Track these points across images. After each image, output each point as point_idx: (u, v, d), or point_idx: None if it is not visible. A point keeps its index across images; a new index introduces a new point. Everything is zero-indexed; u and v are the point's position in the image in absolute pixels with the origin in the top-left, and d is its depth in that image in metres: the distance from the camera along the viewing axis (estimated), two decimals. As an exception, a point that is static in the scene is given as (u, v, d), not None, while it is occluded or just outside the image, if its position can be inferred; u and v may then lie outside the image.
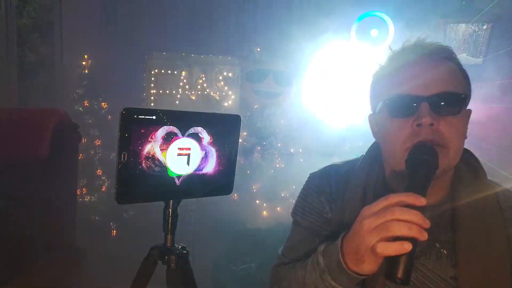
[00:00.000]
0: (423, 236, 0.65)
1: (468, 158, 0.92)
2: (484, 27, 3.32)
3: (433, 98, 0.78)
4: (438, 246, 0.84)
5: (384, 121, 0.86)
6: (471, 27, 3.38)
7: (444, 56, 0.83)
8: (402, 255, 0.66)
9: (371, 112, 0.97)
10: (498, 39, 3.20)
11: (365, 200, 0.89)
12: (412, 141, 0.79)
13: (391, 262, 0.68)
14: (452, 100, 0.80)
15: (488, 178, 0.92)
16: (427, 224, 0.66)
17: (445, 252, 0.84)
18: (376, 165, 0.95)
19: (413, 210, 0.66)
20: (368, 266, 0.71)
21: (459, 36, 3.44)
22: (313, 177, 1.04)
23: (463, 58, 3.49)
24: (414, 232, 0.65)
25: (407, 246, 0.64)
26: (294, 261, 0.93)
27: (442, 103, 0.78)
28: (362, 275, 0.73)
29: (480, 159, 0.94)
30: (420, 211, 0.67)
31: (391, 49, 0.91)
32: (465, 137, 0.85)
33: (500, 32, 3.22)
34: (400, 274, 0.66)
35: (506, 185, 0.92)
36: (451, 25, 3.45)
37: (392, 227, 0.66)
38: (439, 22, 3.46)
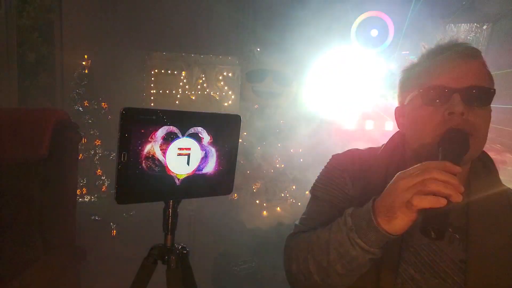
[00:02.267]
0: (458, 197, 0.69)
1: (483, 157, 0.98)
2: (484, 27, 3.32)
3: (464, 90, 0.85)
4: (451, 231, 0.89)
5: (415, 110, 0.92)
6: (471, 27, 3.38)
7: (474, 55, 0.90)
8: (438, 209, 0.69)
9: (398, 106, 1.03)
10: (498, 39, 3.20)
11: (386, 185, 0.93)
12: (443, 128, 0.85)
13: (426, 216, 0.71)
14: (481, 93, 0.86)
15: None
16: (461, 188, 0.70)
17: (457, 236, 0.89)
18: (397, 154, 1.00)
19: (450, 174, 0.71)
20: (400, 222, 0.74)
21: (459, 36, 3.44)
22: (337, 156, 1.09)
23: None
24: (450, 190, 0.69)
25: (443, 201, 0.69)
26: (313, 229, 0.95)
27: (472, 95, 0.85)
28: (391, 234, 0.76)
29: None
30: None
31: (424, 48, 0.97)
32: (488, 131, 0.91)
33: (500, 32, 3.22)
34: (435, 224, 0.70)
35: None
36: (451, 25, 3.45)
37: (429, 183, 0.70)
38: (439, 22, 3.46)
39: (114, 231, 3.39)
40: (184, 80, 4.12)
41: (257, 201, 3.80)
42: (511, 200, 0.93)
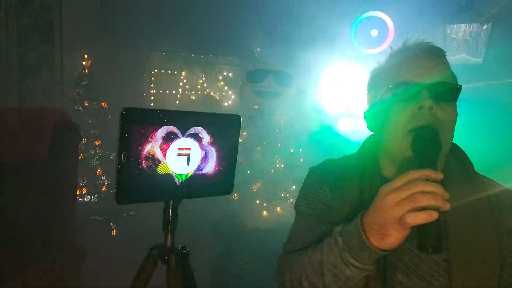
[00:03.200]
0: (447, 206, 0.70)
1: (454, 149, 0.99)
2: (484, 27, 3.32)
3: (433, 85, 0.86)
4: None
5: (385, 108, 0.93)
6: (471, 27, 3.38)
7: (440, 54, 0.92)
8: (431, 223, 0.70)
9: (366, 109, 1.03)
10: (498, 39, 3.20)
11: (362, 190, 0.95)
12: (413, 123, 0.85)
13: (421, 233, 0.72)
14: (449, 89, 0.88)
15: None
16: (447, 195, 0.71)
17: None
18: (371, 157, 1.01)
19: (434, 183, 0.71)
20: (394, 239, 0.74)
21: (459, 36, 3.44)
22: (313, 169, 1.10)
23: (463, 58, 3.49)
24: (439, 201, 0.70)
25: (435, 214, 0.69)
26: (304, 248, 0.95)
27: (440, 91, 0.86)
28: (384, 251, 0.77)
29: None
30: None
31: (392, 48, 0.98)
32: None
33: (500, 32, 3.22)
34: (432, 240, 0.70)
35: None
36: (451, 25, 3.46)
37: (419, 198, 0.70)
38: (439, 22, 3.46)
39: (114, 231, 3.39)
40: (184, 80, 4.12)
41: (257, 201, 3.80)
42: (488, 191, 0.93)
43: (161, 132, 0.88)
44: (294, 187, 3.85)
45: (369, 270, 0.79)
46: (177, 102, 4.12)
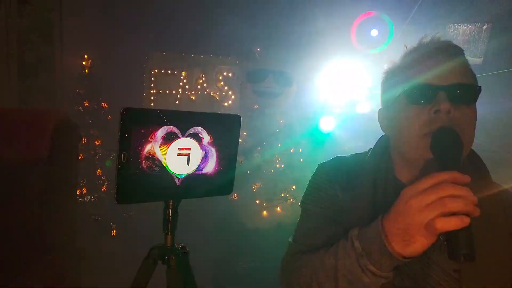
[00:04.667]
0: (477, 211, 0.66)
1: (471, 156, 0.94)
2: (484, 27, 3.32)
3: (450, 88, 0.81)
4: (441, 239, 0.83)
5: (400, 110, 0.88)
6: (471, 27, 3.38)
7: (457, 52, 0.88)
8: (462, 230, 0.65)
9: (380, 108, 1.00)
10: (498, 39, 3.20)
11: (375, 192, 0.90)
12: (430, 127, 0.81)
13: (451, 240, 0.67)
14: (467, 90, 0.83)
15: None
16: (476, 200, 0.66)
17: None
18: (385, 158, 0.97)
19: (463, 186, 0.67)
20: (419, 246, 0.69)
21: (459, 36, 3.44)
22: (323, 166, 1.05)
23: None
24: (470, 207, 0.65)
25: (466, 220, 0.64)
26: (312, 249, 0.90)
27: (458, 93, 0.81)
28: (406, 258, 0.72)
29: None
30: None
31: (406, 47, 0.94)
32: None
33: (500, 32, 3.22)
34: (465, 249, 0.65)
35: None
36: (451, 25, 3.45)
37: (449, 203, 0.65)
38: (439, 22, 3.46)
39: (114, 231, 3.39)
40: (184, 80, 4.12)
41: (257, 201, 3.80)
42: (504, 201, 0.88)
43: (161, 132, 0.88)
44: (294, 187, 3.85)
45: (386, 278, 0.75)
46: (177, 102, 4.12)
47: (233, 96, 4.17)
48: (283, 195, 3.83)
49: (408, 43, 0.94)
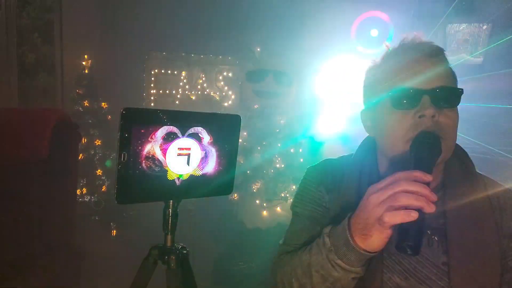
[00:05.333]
0: (431, 208, 0.67)
1: (457, 151, 0.96)
2: (484, 27, 3.33)
3: (434, 91, 0.83)
4: (429, 233, 0.87)
5: (384, 114, 0.89)
6: (471, 27, 3.38)
7: (440, 55, 0.89)
8: (411, 224, 0.67)
9: (363, 108, 1.01)
10: (498, 39, 3.20)
11: (360, 191, 0.92)
12: (414, 131, 0.83)
13: (401, 233, 0.70)
14: (451, 94, 0.85)
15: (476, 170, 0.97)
16: (434, 197, 0.68)
17: (436, 238, 0.87)
18: (370, 158, 0.99)
19: (420, 183, 0.69)
20: (376, 240, 0.73)
21: (459, 36, 3.45)
22: (310, 169, 1.08)
23: (463, 58, 3.49)
24: (421, 202, 0.67)
25: (414, 214, 0.67)
26: (296, 249, 0.94)
27: (442, 96, 0.83)
28: (369, 252, 0.75)
29: None
30: None
31: (387, 47, 0.95)
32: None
33: (500, 32, 3.22)
34: (411, 241, 0.68)
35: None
36: (451, 25, 3.46)
37: (399, 197, 0.68)
38: (439, 22, 3.46)
39: (114, 231, 3.39)
40: (184, 80, 4.12)
41: (257, 201, 3.79)
42: (490, 193, 0.90)
43: (161, 132, 0.88)
44: (294, 187, 3.85)
45: (356, 272, 0.78)
46: (177, 102, 4.12)
47: (233, 96, 4.17)
48: (283, 195, 3.82)
49: (389, 43, 0.95)
